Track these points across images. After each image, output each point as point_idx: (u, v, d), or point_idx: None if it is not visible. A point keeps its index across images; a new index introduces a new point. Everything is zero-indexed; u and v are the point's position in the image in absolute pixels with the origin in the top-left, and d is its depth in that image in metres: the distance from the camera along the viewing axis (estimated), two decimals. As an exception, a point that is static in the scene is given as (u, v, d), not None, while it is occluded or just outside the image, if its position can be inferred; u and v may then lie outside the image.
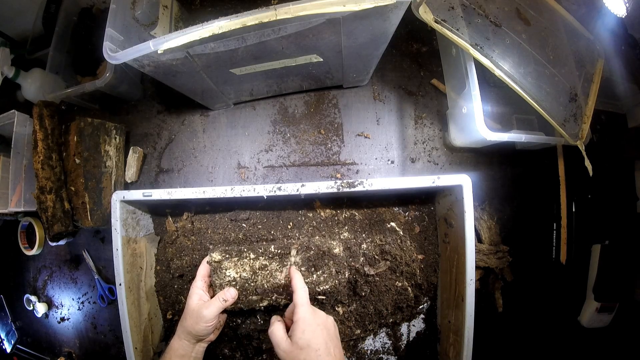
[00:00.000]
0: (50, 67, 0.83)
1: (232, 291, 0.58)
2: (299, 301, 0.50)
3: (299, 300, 0.50)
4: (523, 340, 0.74)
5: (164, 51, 0.49)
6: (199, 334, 0.56)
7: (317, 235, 0.69)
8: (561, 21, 0.67)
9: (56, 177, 0.77)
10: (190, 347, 0.57)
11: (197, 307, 0.55)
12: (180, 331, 0.56)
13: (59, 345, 0.95)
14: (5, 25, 0.97)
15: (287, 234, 0.70)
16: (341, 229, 0.70)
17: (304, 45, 0.55)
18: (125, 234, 0.68)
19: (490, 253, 0.71)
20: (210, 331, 0.57)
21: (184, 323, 0.56)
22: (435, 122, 0.78)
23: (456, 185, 0.59)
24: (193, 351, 0.57)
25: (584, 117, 0.63)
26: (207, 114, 0.85)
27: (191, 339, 0.56)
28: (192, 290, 0.58)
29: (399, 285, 0.67)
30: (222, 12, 0.82)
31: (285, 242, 0.63)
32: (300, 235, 0.69)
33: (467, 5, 0.58)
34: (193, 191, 0.63)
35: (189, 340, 0.56)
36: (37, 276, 0.97)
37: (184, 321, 0.56)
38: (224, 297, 0.56)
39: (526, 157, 0.75)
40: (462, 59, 0.63)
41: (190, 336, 0.56)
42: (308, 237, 0.67)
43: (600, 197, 0.75)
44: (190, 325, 0.55)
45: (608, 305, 0.73)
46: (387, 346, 0.73)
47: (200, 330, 0.55)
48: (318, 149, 0.80)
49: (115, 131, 0.82)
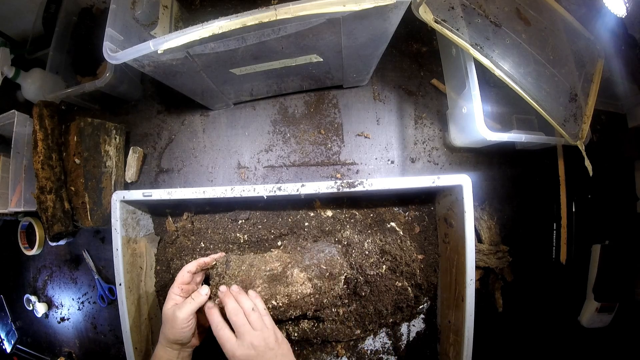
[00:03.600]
0: (50, 67, 0.83)
1: (203, 289, 0.56)
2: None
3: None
4: (523, 340, 0.74)
5: (164, 51, 0.49)
6: (178, 339, 0.54)
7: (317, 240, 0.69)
8: (561, 21, 0.67)
9: (56, 177, 0.77)
10: (175, 354, 0.56)
11: (170, 311, 0.54)
12: (161, 338, 0.56)
13: (59, 345, 0.95)
14: (5, 25, 0.97)
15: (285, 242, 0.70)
16: (341, 229, 0.69)
17: (304, 45, 0.55)
18: (125, 234, 0.68)
19: (490, 253, 0.71)
20: (188, 335, 0.55)
21: (163, 330, 0.55)
22: (435, 122, 0.78)
23: (456, 185, 0.59)
24: (178, 357, 0.56)
25: (584, 117, 0.63)
26: (207, 114, 0.85)
27: (173, 345, 0.55)
28: (167, 296, 0.56)
29: (399, 285, 0.67)
30: (222, 12, 0.82)
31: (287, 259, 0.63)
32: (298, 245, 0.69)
33: (467, 5, 0.59)
34: (193, 191, 0.63)
35: (171, 347, 0.55)
36: (37, 276, 0.97)
37: (163, 328, 0.55)
38: (193, 297, 0.55)
39: (526, 157, 0.75)
40: (462, 59, 0.63)
41: (171, 342, 0.55)
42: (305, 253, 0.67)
43: (600, 197, 0.75)
44: (169, 331, 0.54)
45: (608, 305, 0.73)
46: (387, 346, 0.73)
47: (178, 334, 0.54)
48: (318, 149, 0.80)
49: (115, 131, 0.82)
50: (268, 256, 0.63)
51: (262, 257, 0.63)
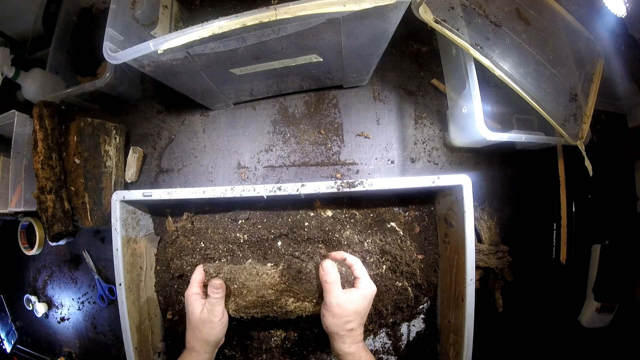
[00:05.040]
0: (50, 67, 0.83)
1: (215, 283, 0.56)
2: (361, 273, 0.55)
3: (361, 272, 0.55)
4: (523, 340, 0.74)
5: (164, 51, 0.49)
6: (219, 337, 0.56)
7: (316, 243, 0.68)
8: (561, 21, 0.67)
9: (56, 177, 0.77)
10: (209, 358, 0.56)
11: (206, 313, 0.54)
12: (196, 345, 0.55)
13: (58, 345, 0.95)
14: (5, 25, 0.97)
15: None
16: (341, 229, 0.69)
17: (304, 45, 0.55)
18: (125, 234, 0.68)
19: (490, 253, 0.71)
20: (225, 330, 0.57)
21: (198, 335, 0.54)
22: (435, 122, 0.78)
23: (456, 185, 0.59)
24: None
25: (584, 117, 0.63)
26: (207, 114, 0.85)
27: (210, 348, 0.56)
28: (190, 299, 0.56)
29: (399, 285, 0.67)
30: (222, 12, 0.82)
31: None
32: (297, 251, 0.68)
33: (467, 5, 0.59)
34: (193, 191, 0.63)
35: (207, 351, 0.55)
36: (37, 276, 0.97)
37: (198, 333, 0.54)
38: (214, 294, 0.55)
39: (526, 157, 0.75)
40: (462, 59, 0.63)
41: (210, 345, 0.55)
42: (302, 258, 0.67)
43: (600, 197, 0.75)
44: (209, 332, 0.54)
45: (608, 305, 0.73)
46: (387, 346, 0.73)
47: (219, 333, 0.55)
48: (318, 149, 0.80)
49: (115, 131, 0.82)
50: (263, 278, 0.60)
51: (257, 276, 0.60)
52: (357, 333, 0.52)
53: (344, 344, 0.51)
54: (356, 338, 0.52)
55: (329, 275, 0.52)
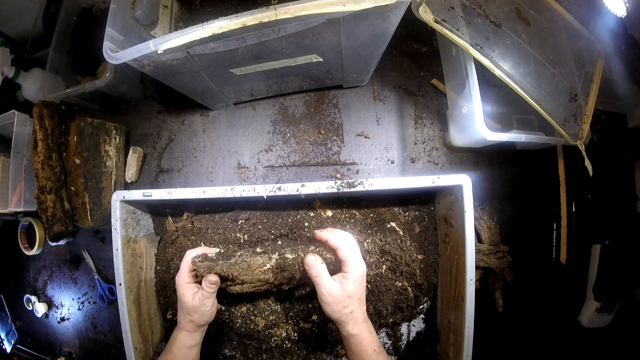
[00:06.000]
0: (50, 67, 0.83)
1: (210, 278, 0.56)
2: (347, 255, 0.52)
3: (346, 254, 0.52)
4: (523, 340, 0.74)
5: (164, 51, 0.49)
6: (207, 321, 0.59)
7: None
8: (561, 21, 0.67)
9: (56, 177, 0.77)
10: (199, 336, 0.59)
11: (197, 301, 0.56)
12: (187, 326, 0.58)
13: (59, 345, 0.95)
14: (5, 25, 0.97)
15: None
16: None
17: (304, 45, 0.55)
18: (125, 234, 0.68)
19: (490, 253, 0.71)
20: (214, 314, 0.59)
21: (191, 319, 0.57)
22: (435, 122, 0.78)
23: (456, 185, 0.59)
24: (200, 338, 0.60)
25: (584, 117, 0.63)
26: (207, 114, 0.85)
27: (200, 329, 0.59)
28: (181, 288, 0.57)
29: (399, 285, 0.67)
30: (222, 12, 0.82)
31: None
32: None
33: (467, 5, 0.58)
34: (193, 191, 0.63)
35: (197, 330, 0.59)
36: (37, 276, 0.97)
37: (189, 317, 0.57)
38: (207, 287, 0.56)
39: (526, 157, 0.75)
40: (462, 59, 0.63)
41: (200, 326, 0.59)
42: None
43: (600, 197, 0.75)
44: (199, 318, 0.57)
45: (608, 305, 0.73)
46: (387, 346, 0.73)
47: (208, 318, 0.58)
48: (318, 149, 0.80)
49: (115, 131, 0.82)
50: (256, 274, 0.58)
51: (250, 270, 0.57)
52: (358, 314, 0.52)
53: (348, 326, 0.52)
54: (358, 319, 0.52)
55: (313, 269, 0.53)
